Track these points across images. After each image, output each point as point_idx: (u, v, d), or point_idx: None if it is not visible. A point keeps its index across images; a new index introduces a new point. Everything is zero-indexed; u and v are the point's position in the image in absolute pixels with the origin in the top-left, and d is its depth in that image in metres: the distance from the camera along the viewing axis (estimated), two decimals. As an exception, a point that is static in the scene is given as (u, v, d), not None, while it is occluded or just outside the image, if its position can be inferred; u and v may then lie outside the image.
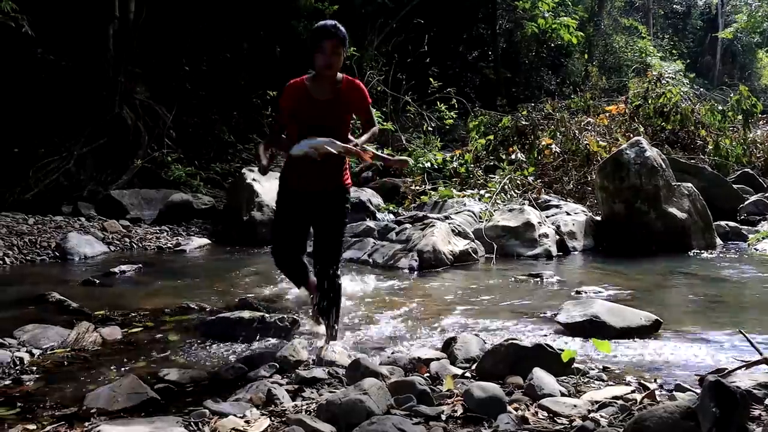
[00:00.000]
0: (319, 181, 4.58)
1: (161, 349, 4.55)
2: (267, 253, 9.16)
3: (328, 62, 4.38)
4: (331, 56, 4.37)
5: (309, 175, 4.55)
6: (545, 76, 24.80)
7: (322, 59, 4.38)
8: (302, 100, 4.49)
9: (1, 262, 8.05)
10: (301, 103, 4.50)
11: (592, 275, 7.73)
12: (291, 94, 4.54)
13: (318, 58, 4.39)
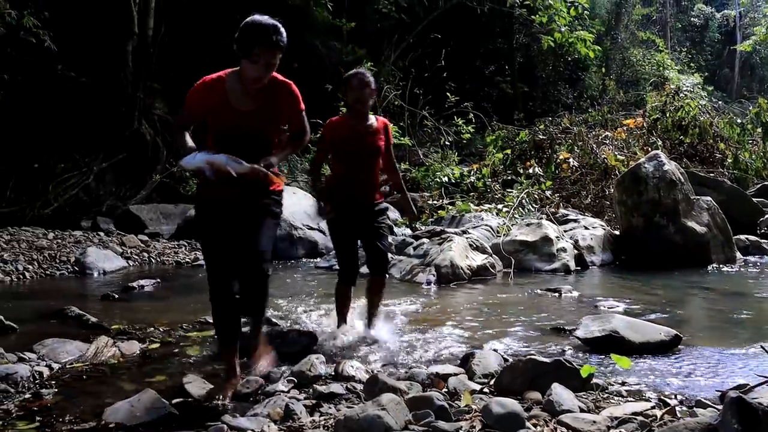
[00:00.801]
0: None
1: (179, 363, 4.56)
2: (283, 268, 9.22)
3: (259, 76, 3.80)
4: (266, 68, 3.80)
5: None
6: (562, 90, 24.78)
7: (253, 70, 3.77)
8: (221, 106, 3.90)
9: (22, 276, 8.11)
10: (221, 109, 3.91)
11: (611, 290, 7.68)
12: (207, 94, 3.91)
13: (249, 68, 3.78)
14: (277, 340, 4.81)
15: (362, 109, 5.02)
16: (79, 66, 13.24)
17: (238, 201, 3.97)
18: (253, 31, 3.75)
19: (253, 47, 3.72)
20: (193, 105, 3.91)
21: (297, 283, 8.17)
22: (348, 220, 5.09)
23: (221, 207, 3.96)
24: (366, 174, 5.11)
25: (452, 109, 15.82)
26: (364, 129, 5.05)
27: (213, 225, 3.98)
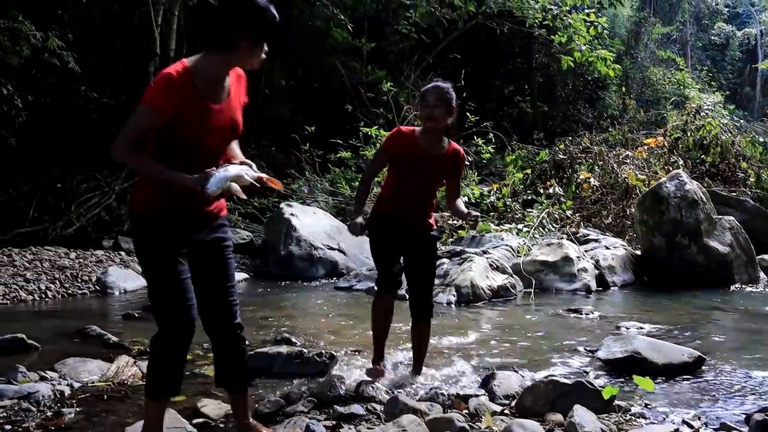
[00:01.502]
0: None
1: (199, 383, 4.56)
2: (305, 288, 9.23)
3: (257, 63, 3.26)
4: (260, 56, 3.23)
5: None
6: (582, 110, 24.73)
7: (256, 56, 3.19)
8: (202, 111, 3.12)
9: (44, 295, 8.16)
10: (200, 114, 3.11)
11: (633, 310, 7.63)
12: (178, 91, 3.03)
13: (254, 53, 3.15)
14: (297, 360, 4.81)
15: (435, 127, 4.48)
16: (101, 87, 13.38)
17: (199, 215, 3.24)
18: (265, 12, 3.07)
19: (264, 33, 3.12)
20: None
21: (317, 303, 8.17)
22: (394, 239, 4.63)
23: (179, 220, 3.17)
24: (423, 198, 4.67)
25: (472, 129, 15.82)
26: (435, 152, 4.53)
27: (168, 241, 3.15)
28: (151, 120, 2.97)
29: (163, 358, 3.18)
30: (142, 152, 3.02)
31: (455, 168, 4.68)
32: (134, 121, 2.99)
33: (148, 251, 3.15)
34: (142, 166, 3.06)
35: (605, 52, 15.98)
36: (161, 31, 12.68)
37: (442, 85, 4.59)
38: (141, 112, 2.97)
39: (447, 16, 16.12)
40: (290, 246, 9.99)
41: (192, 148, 3.10)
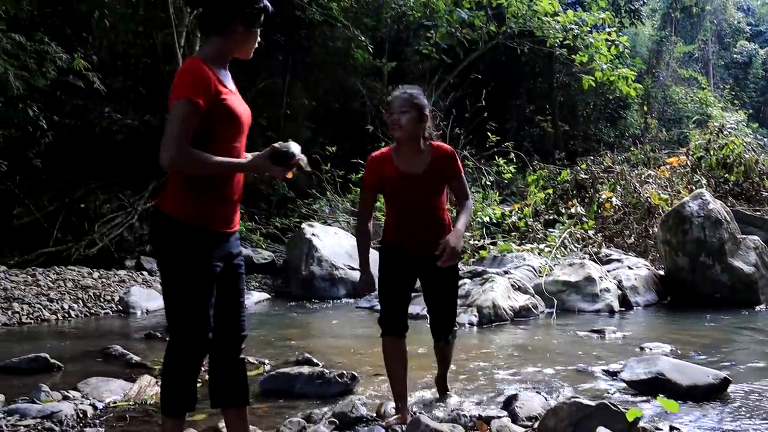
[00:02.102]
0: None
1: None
2: (326, 308, 9.23)
3: (250, 51, 3.28)
4: (254, 44, 3.27)
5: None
6: (604, 129, 24.67)
7: (250, 43, 3.22)
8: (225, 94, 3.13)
9: (67, 315, 8.23)
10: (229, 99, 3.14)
11: (656, 331, 7.56)
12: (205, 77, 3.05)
13: (248, 39, 3.19)
14: (319, 380, 4.81)
15: (403, 137, 4.05)
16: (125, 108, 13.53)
17: (234, 234, 3.26)
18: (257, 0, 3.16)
19: (261, 16, 3.20)
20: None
21: (338, 323, 8.17)
22: (402, 271, 4.23)
23: (215, 240, 3.13)
24: (425, 220, 4.18)
25: (493, 149, 15.83)
26: (414, 171, 4.09)
27: (209, 260, 3.09)
28: (194, 112, 2.92)
29: (177, 373, 3.13)
30: (199, 151, 2.94)
31: (445, 172, 4.17)
32: (177, 120, 2.91)
33: (189, 264, 3.05)
34: (205, 164, 2.96)
35: (626, 71, 15.94)
36: (183, 52, 12.79)
37: (409, 90, 4.18)
38: (182, 107, 2.91)
39: (468, 37, 16.16)
40: (311, 266, 10.01)
41: (234, 135, 3.11)
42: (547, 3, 15.17)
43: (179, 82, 2.95)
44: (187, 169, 2.97)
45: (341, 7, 15.08)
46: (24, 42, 9.51)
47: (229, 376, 3.29)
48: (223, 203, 3.11)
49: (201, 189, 3.05)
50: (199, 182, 3.04)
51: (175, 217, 3.03)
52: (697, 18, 33.70)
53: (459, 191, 4.27)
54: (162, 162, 2.92)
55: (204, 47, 3.15)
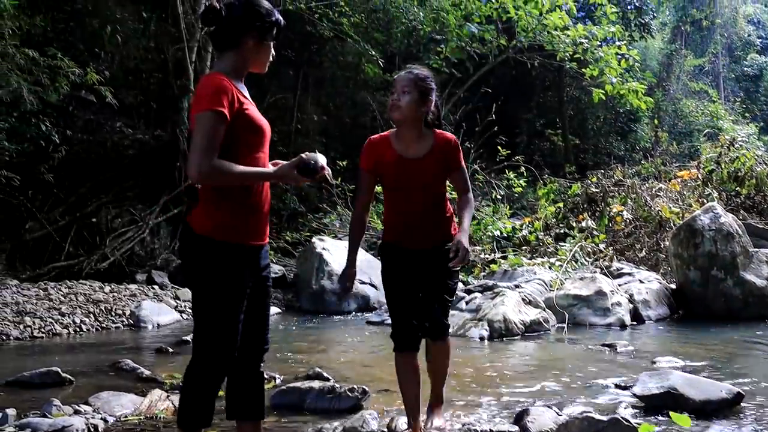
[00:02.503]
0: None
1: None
2: (336, 322, 9.23)
3: (265, 65, 3.34)
4: (268, 57, 3.33)
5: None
6: (614, 142, 24.64)
7: (263, 56, 3.29)
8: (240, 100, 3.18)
9: (79, 329, 8.25)
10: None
11: (668, 345, 7.53)
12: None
13: (260, 52, 3.25)
14: (329, 395, 4.80)
15: (400, 118, 3.86)
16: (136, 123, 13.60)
17: (264, 247, 3.30)
18: (269, 12, 3.23)
19: (278, 32, 3.28)
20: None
21: (349, 337, 8.17)
22: (402, 269, 4.02)
23: (250, 255, 3.18)
24: (422, 211, 3.96)
25: (503, 163, 15.83)
26: (414, 155, 3.91)
27: (242, 277, 3.14)
28: (219, 122, 2.94)
29: (200, 390, 3.13)
30: (226, 161, 2.96)
31: (446, 161, 3.97)
32: (203, 131, 2.93)
33: (222, 282, 3.07)
34: (233, 174, 2.98)
35: (637, 85, 15.93)
36: (195, 67, 12.88)
37: (415, 70, 3.96)
38: (208, 119, 2.93)
39: (478, 51, 16.20)
40: (322, 280, 10.02)
41: (258, 145, 3.16)
42: (557, 17, 15.20)
43: (201, 95, 3.00)
44: (216, 179, 2.99)
45: (352, 23, 15.16)
46: (37, 57, 9.59)
47: (247, 389, 3.30)
48: (255, 215, 3.16)
49: (232, 203, 3.08)
50: (229, 196, 3.07)
51: (209, 235, 3.06)
52: (707, 31, 33.72)
53: (459, 184, 4.07)
54: (190, 174, 2.95)
55: (219, 63, 3.21)
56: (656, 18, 27.45)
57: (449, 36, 15.75)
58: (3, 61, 8.96)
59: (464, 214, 3.98)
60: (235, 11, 3.16)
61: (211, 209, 3.09)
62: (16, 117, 10.00)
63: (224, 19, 3.17)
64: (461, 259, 3.72)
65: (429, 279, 3.98)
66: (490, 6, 15.27)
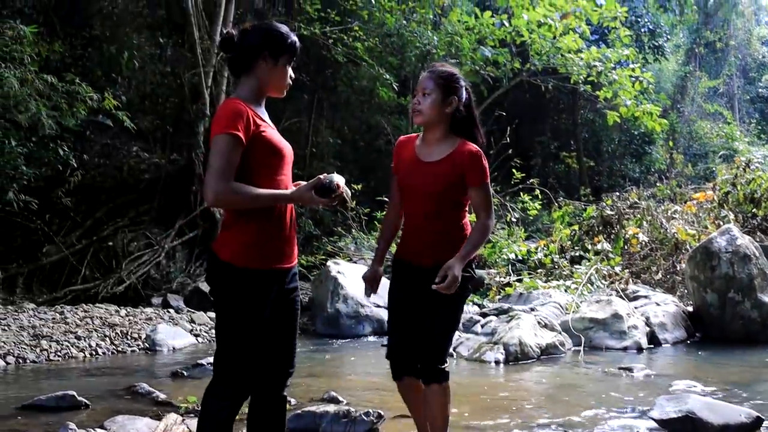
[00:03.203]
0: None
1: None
2: (352, 346, 9.21)
3: (282, 88, 3.33)
4: (285, 79, 3.32)
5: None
6: (629, 164, 24.59)
7: (279, 78, 3.26)
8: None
9: (94, 352, 8.27)
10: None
11: (686, 368, 7.47)
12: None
13: (276, 74, 3.24)
14: (344, 419, 4.79)
15: (424, 121, 3.64)
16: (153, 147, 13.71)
17: (291, 270, 3.30)
18: (282, 34, 3.24)
19: (294, 54, 3.30)
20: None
21: (364, 361, 8.15)
22: (400, 288, 3.77)
23: (274, 279, 3.17)
24: (427, 222, 3.65)
25: (518, 186, 15.83)
26: (429, 159, 3.66)
27: (266, 303, 3.12)
28: (236, 145, 2.96)
29: (217, 414, 3.12)
30: (242, 184, 2.97)
31: (463, 172, 3.60)
32: (219, 154, 2.94)
33: (243, 308, 3.08)
34: (249, 196, 2.98)
35: (651, 107, 15.92)
36: (210, 92, 12.98)
37: (439, 68, 3.73)
38: (223, 142, 2.95)
39: (492, 74, 16.25)
40: (337, 304, 10.01)
41: (279, 166, 3.16)
42: (571, 40, 15.24)
43: (218, 118, 3.03)
44: (232, 202, 3.01)
45: (366, 47, 15.24)
46: (56, 83, 9.68)
47: (269, 412, 3.31)
48: (278, 238, 3.16)
49: (254, 227, 3.07)
50: (251, 220, 3.07)
51: (234, 262, 3.06)
52: (722, 53, 33.69)
53: (476, 203, 3.65)
54: (206, 197, 2.97)
55: (238, 88, 3.24)
56: (670, 40, 27.45)
57: (463, 60, 15.80)
58: (22, 86, 9.05)
59: (470, 237, 3.63)
60: (250, 37, 3.20)
61: (233, 235, 3.11)
62: (35, 142, 10.10)
63: (240, 46, 3.20)
64: (446, 285, 3.39)
65: (425, 305, 3.63)
66: (503, 30, 15.34)
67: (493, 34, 15.50)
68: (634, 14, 22.17)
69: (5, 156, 9.51)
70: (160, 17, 14.61)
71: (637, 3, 23.22)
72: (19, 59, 9.22)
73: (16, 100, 9.05)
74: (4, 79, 8.76)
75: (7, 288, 11.04)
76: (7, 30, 9.30)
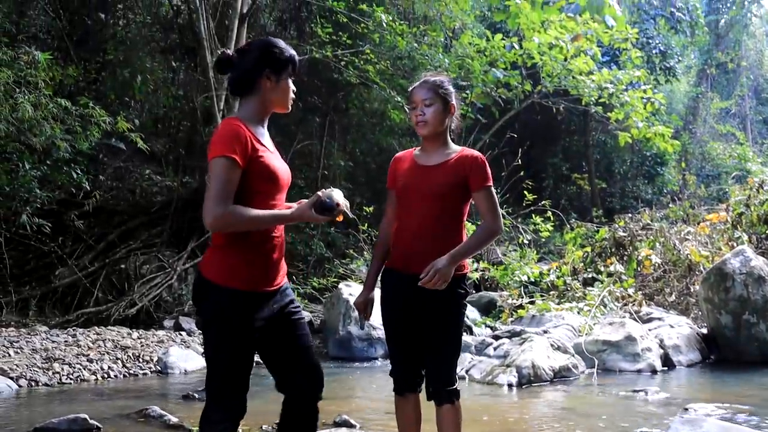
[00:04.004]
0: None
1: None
2: (363, 368, 9.19)
3: (286, 104, 3.33)
4: (288, 96, 3.33)
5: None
6: (641, 186, 24.54)
7: (282, 95, 3.27)
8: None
9: (106, 375, 8.28)
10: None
11: (701, 391, 7.41)
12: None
13: (279, 91, 3.25)
14: (357, 442, 4.77)
15: (430, 133, 3.65)
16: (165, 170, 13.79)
17: (276, 292, 3.23)
18: (282, 50, 3.26)
19: (293, 69, 3.29)
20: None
21: (375, 384, 8.12)
22: (396, 301, 3.71)
23: (262, 300, 3.14)
24: (421, 227, 3.55)
25: (530, 208, 15.82)
26: (430, 163, 3.67)
27: (251, 323, 3.09)
28: (234, 169, 2.96)
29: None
30: (241, 206, 2.96)
31: (465, 175, 3.59)
32: (218, 178, 2.94)
33: (226, 328, 3.06)
34: (248, 218, 2.97)
35: (663, 128, 15.89)
36: (223, 115, 13.05)
37: (432, 77, 3.74)
38: (221, 165, 2.95)
39: (503, 96, 16.27)
40: (348, 326, 10.00)
41: (273, 191, 3.15)
42: (582, 62, 15.25)
43: (216, 141, 3.02)
44: (232, 224, 2.99)
45: (377, 70, 15.30)
46: (69, 107, 9.77)
47: (300, 425, 3.31)
48: (263, 262, 3.13)
49: (240, 249, 3.07)
50: (237, 242, 3.07)
51: (217, 281, 3.06)
52: (733, 74, 33.68)
53: (482, 206, 3.60)
54: (206, 221, 2.96)
55: (241, 108, 3.24)
56: (681, 61, 27.46)
57: (474, 82, 15.84)
58: (37, 110, 9.14)
59: (470, 237, 3.58)
60: (249, 56, 3.21)
61: (219, 254, 3.11)
62: (49, 165, 10.18)
63: (238, 65, 3.22)
64: (429, 278, 3.34)
65: (420, 318, 3.60)
66: (514, 53, 15.38)
67: (503, 57, 15.54)
68: (645, 36, 22.20)
69: (20, 179, 9.59)
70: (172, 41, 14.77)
71: (648, 24, 23.25)
72: (33, 84, 9.31)
73: (30, 123, 9.14)
74: (19, 103, 8.84)
75: (20, 310, 11.10)
76: (22, 55, 9.41)
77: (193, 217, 13.10)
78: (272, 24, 17.00)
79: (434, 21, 17.15)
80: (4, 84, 8.80)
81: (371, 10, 14.98)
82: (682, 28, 24.81)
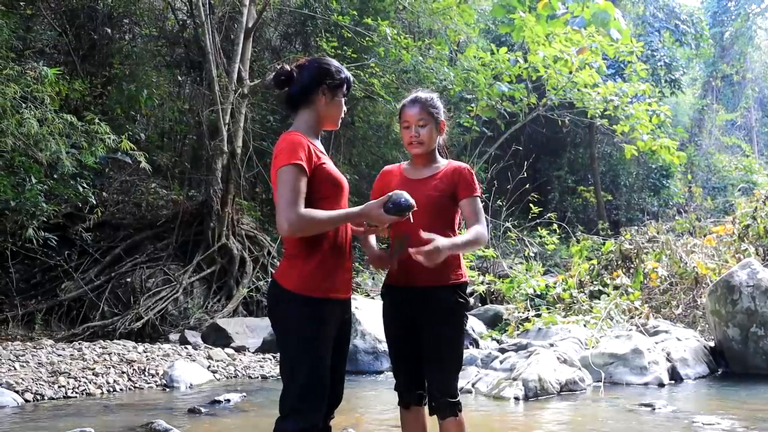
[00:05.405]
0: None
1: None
2: (369, 382, 9.16)
3: (337, 120, 3.47)
4: (340, 112, 3.46)
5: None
6: (647, 198, 24.55)
7: (335, 111, 3.41)
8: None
9: (112, 389, 8.26)
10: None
11: (708, 404, 7.37)
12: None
13: (332, 107, 3.38)
14: (363, 456, 4.75)
15: (425, 151, 3.77)
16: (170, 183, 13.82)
17: (348, 300, 3.39)
18: (338, 69, 3.40)
19: (346, 89, 3.44)
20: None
21: (381, 398, 8.10)
22: (395, 315, 3.75)
23: (334, 308, 3.20)
24: (416, 238, 3.41)
25: (536, 220, 15.81)
26: (418, 177, 3.77)
27: (328, 333, 3.14)
28: (302, 175, 3.05)
29: None
30: (311, 209, 3.04)
31: (454, 185, 3.69)
32: (287, 185, 3.02)
33: (308, 338, 3.06)
34: (321, 220, 3.04)
35: (669, 141, 15.89)
36: (228, 129, 13.10)
37: (422, 95, 3.82)
38: (289, 173, 3.04)
39: (508, 109, 16.30)
40: (355, 340, 9.97)
41: (339, 196, 3.26)
42: (587, 75, 15.29)
43: (281, 151, 3.12)
44: (307, 227, 3.04)
45: (383, 83, 15.35)
46: (75, 122, 9.80)
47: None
48: (342, 266, 3.24)
49: (317, 258, 3.13)
50: (314, 251, 3.13)
51: (295, 290, 3.10)
52: (738, 86, 33.72)
53: (469, 213, 3.69)
54: (281, 228, 3.02)
55: (295, 122, 3.34)
56: (686, 74, 27.51)
57: (479, 95, 15.88)
58: (42, 126, 9.17)
59: (463, 234, 3.63)
60: (307, 71, 3.33)
61: (296, 263, 3.15)
62: (55, 179, 10.20)
63: (296, 80, 3.32)
64: (426, 251, 3.29)
65: (423, 334, 3.61)
66: (519, 66, 15.41)
67: (508, 70, 15.58)
68: (650, 48, 22.25)
69: (26, 193, 9.62)
70: (178, 56, 14.84)
71: (653, 37, 23.31)
72: (39, 99, 9.35)
73: (36, 138, 9.17)
74: (25, 119, 8.88)
75: (26, 324, 11.11)
76: (29, 71, 9.46)
77: (198, 230, 13.12)
78: (278, 38, 17.08)
79: (439, 34, 17.23)
80: (10, 99, 8.84)
81: (376, 23, 15.05)
82: (687, 40, 24.85)
